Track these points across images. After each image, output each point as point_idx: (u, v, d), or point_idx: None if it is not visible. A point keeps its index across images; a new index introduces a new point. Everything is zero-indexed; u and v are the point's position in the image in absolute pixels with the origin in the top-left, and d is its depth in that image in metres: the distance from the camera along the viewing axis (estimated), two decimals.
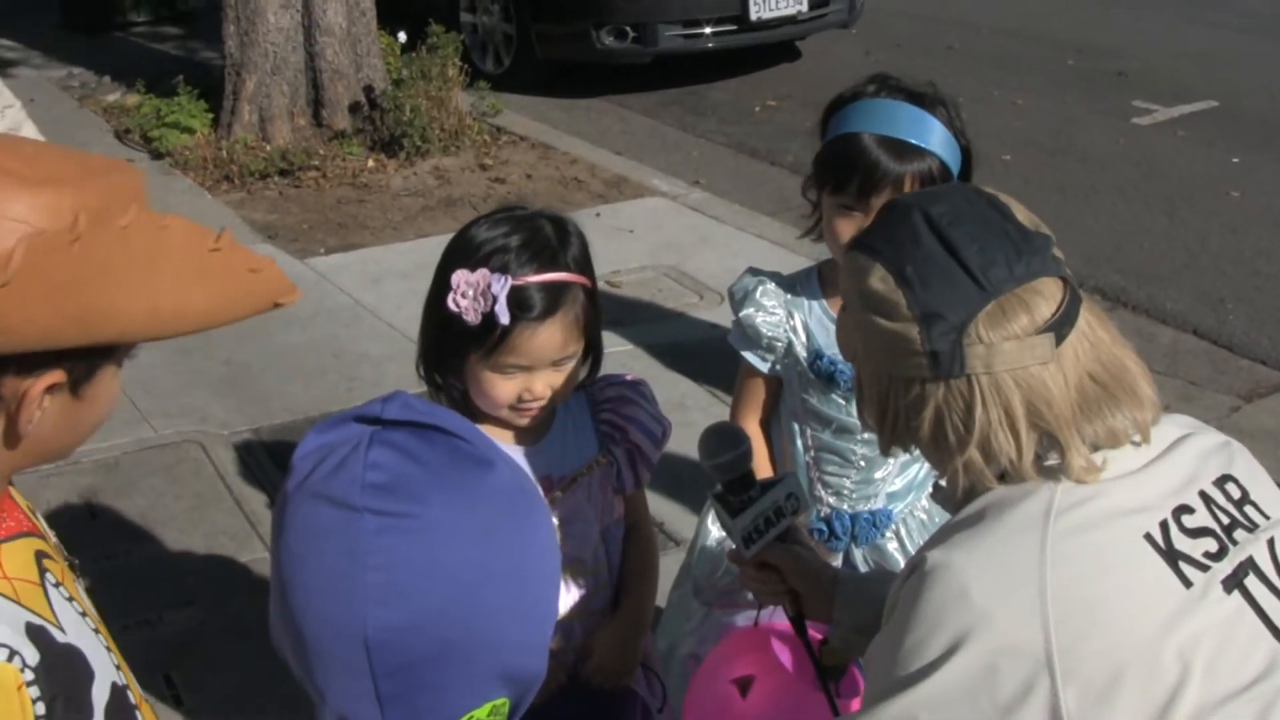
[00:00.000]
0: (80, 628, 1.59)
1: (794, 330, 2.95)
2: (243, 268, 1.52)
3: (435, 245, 2.54)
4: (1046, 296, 1.71)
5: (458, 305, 2.35)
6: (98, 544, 4.74)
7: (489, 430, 2.55)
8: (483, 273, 2.34)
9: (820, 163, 2.81)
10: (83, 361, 1.45)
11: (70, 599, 1.62)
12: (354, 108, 9.42)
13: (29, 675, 1.43)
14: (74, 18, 12.84)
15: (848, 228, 2.74)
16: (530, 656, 1.33)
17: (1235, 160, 8.93)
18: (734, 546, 2.38)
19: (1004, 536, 1.67)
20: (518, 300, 2.35)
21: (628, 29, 10.44)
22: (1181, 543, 1.68)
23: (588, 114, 10.39)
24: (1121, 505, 1.69)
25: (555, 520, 2.59)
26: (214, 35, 9.67)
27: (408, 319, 6.36)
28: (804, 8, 10.81)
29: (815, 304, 2.95)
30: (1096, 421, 1.72)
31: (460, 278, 2.35)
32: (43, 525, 1.72)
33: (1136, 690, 1.59)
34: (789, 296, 2.97)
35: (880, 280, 1.74)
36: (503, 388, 2.46)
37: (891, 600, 1.78)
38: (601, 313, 2.57)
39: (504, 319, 2.33)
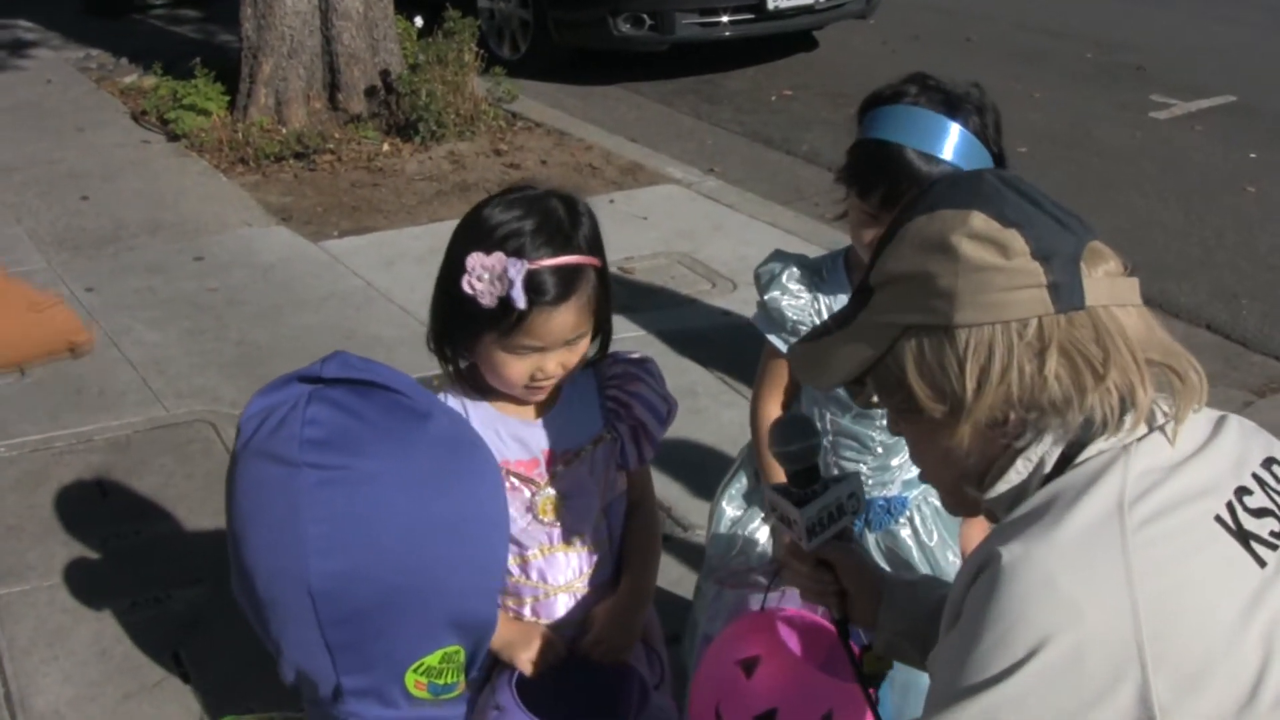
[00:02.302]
0: None
1: (818, 314, 2.94)
2: (19, 304, 1.49)
3: (448, 230, 2.55)
4: (1108, 252, 1.74)
5: (473, 288, 2.36)
6: (108, 522, 4.76)
7: (497, 405, 2.60)
8: (498, 256, 2.35)
9: (851, 161, 2.79)
10: None
11: None
12: (370, 92, 9.42)
13: None
14: (94, 1, 12.86)
15: (870, 234, 2.74)
16: (479, 601, 1.35)
17: (1252, 156, 8.91)
18: (791, 538, 2.33)
19: (1082, 525, 1.63)
20: (533, 284, 2.37)
21: (645, 16, 10.44)
22: (1249, 523, 1.67)
23: (603, 101, 10.39)
24: (1190, 488, 1.67)
25: (552, 492, 2.62)
26: (231, 18, 9.68)
27: (420, 302, 6.34)
28: None
29: (840, 287, 2.95)
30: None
31: (476, 260, 2.36)
32: None
33: (1225, 674, 1.57)
34: (814, 280, 2.97)
35: (984, 223, 1.71)
36: (516, 367, 2.48)
37: (955, 602, 1.74)
38: (611, 291, 2.58)
39: (521, 304, 2.35)
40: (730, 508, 3.22)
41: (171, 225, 7.68)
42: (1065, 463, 1.73)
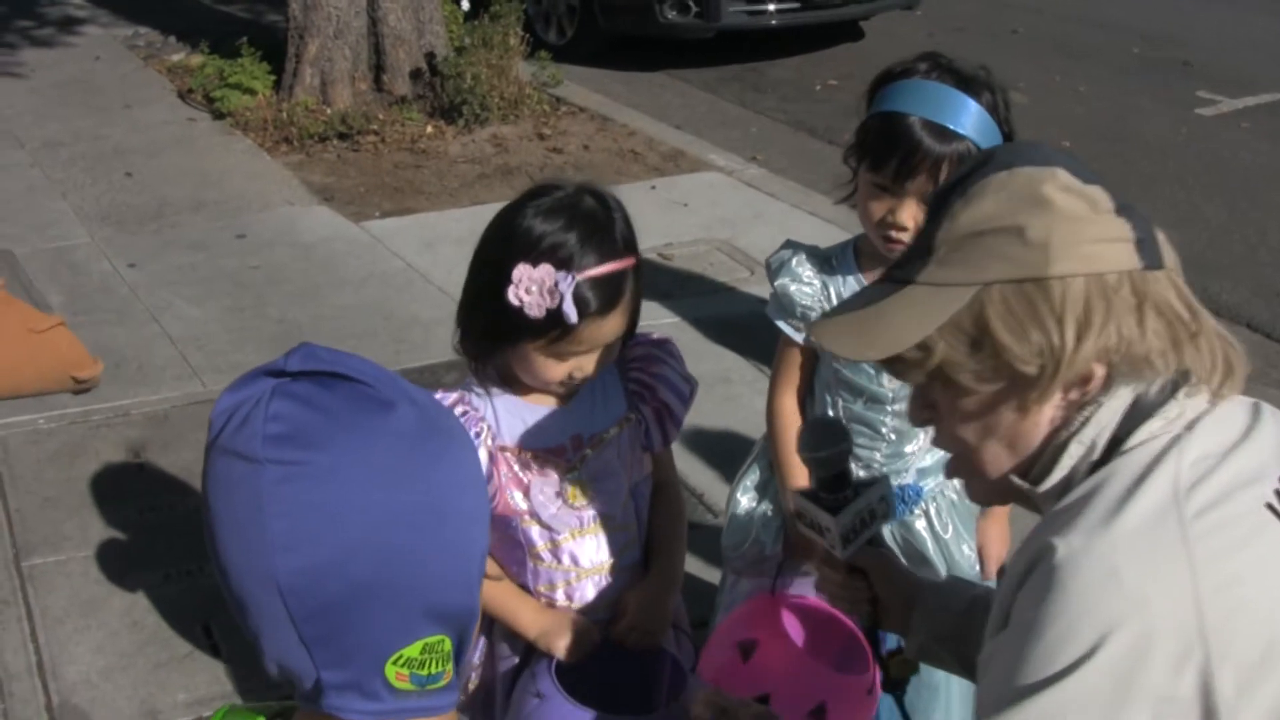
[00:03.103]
0: None
1: (829, 301, 2.94)
2: (18, 326, 1.42)
3: (490, 212, 2.56)
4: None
5: (520, 300, 2.37)
6: (144, 495, 4.80)
7: (523, 394, 2.61)
8: (546, 269, 2.36)
9: (860, 135, 2.81)
10: None
11: None
12: (415, 74, 9.45)
13: None
14: None
15: (880, 208, 2.76)
16: (456, 592, 1.35)
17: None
18: (823, 546, 2.28)
19: (1141, 515, 1.61)
20: (582, 296, 2.39)
21: (691, 3, 10.43)
22: None
23: (648, 87, 10.39)
24: (1240, 475, 1.65)
25: (581, 476, 2.63)
26: None
27: (459, 284, 6.31)
28: None
29: (850, 276, 2.95)
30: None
31: (523, 272, 2.37)
32: None
33: None
34: (824, 268, 2.98)
35: (1068, 178, 1.70)
36: (557, 370, 2.51)
37: (1004, 602, 1.71)
38: (642, 283, 2.59)
39: (572, 318, 2.37)
40: (745, 498, 3.22)
41: (214, 203, 7.72)
42: (1113, 447, 1.71)
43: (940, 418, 1.84)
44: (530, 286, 2.36)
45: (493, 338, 2.51)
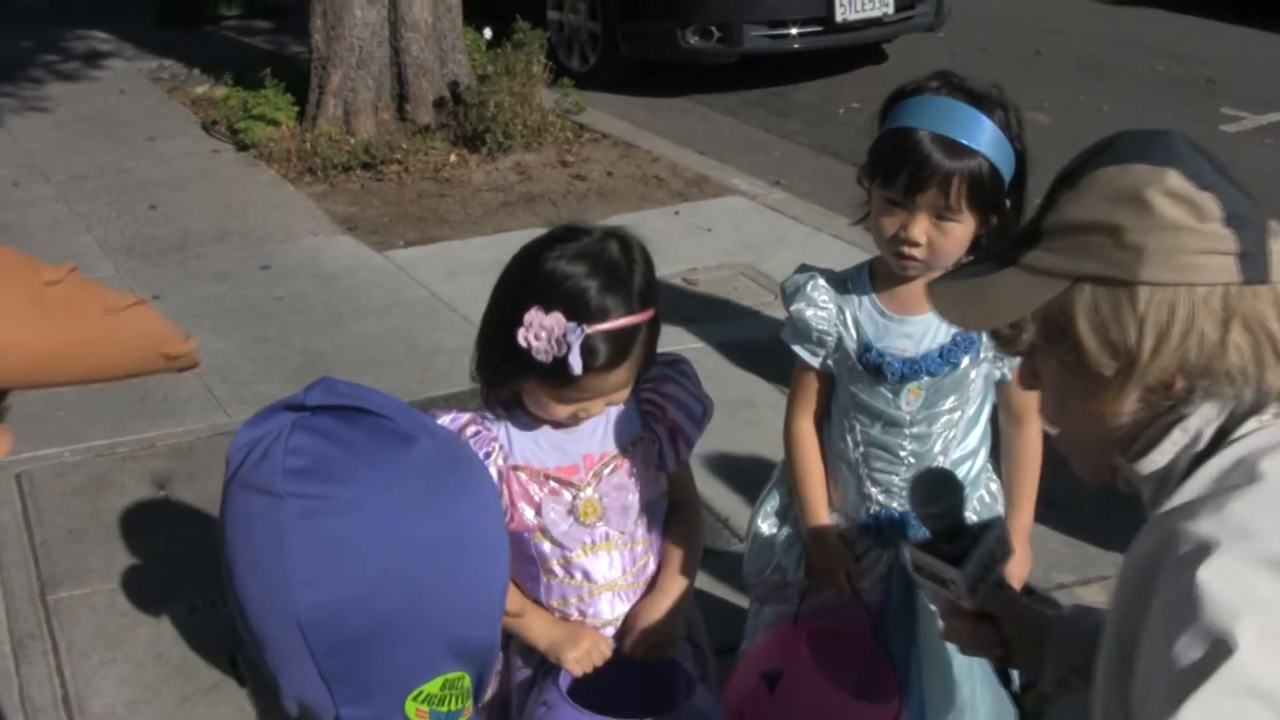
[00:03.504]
0: None
1: (844, 325, 2.93)
2: (94, 307, 1.40)
3: (514, 240, 2.56)
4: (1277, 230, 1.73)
5: (528, 343, 2.39)
6: (168, 526, 4.80)
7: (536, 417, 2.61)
8: (557, 318, 2.37)
9: (873, 153, 2.80)
10: None
11: None
12: (438, 103, 9.46)
13: None
14: (167, 12, 13.01)
15: (892, 224, 2.76)
16: (478, 625, 1.33)
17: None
18: (947, 597, 2.24)
19: (1271, 493, 1.61)
20: (590, 349, 2.39)
21: (713, 29, 10.43)
22: None
23: (671, 113, 10.38)
24: None
25: (593, 495, 2.63)
26: (302, 30, 9.75)
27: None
28: (890, 10, 10.76)
29: (866, 298, 2.94)
30: None
31: (535, 318, 2.38)
32: None
33: None
34: (840, 291, 2.96)
35: (1179, 182, 1.67)
36: (560, 410, 2.53)
37: (1139, 582, 1.67)
38: (660, 327, 2.59)
39: (577, 370, 2.38)
40: (765, 524, 3.21)
41: (239, 234, 7.74)
42: (1220, 438, 1.70)
43: (1041, 389, 1.86)
44: (540, 332, 2.38)
45: (502, 369, 2.52)
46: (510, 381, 2.54)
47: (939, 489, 2.25)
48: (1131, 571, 1.70)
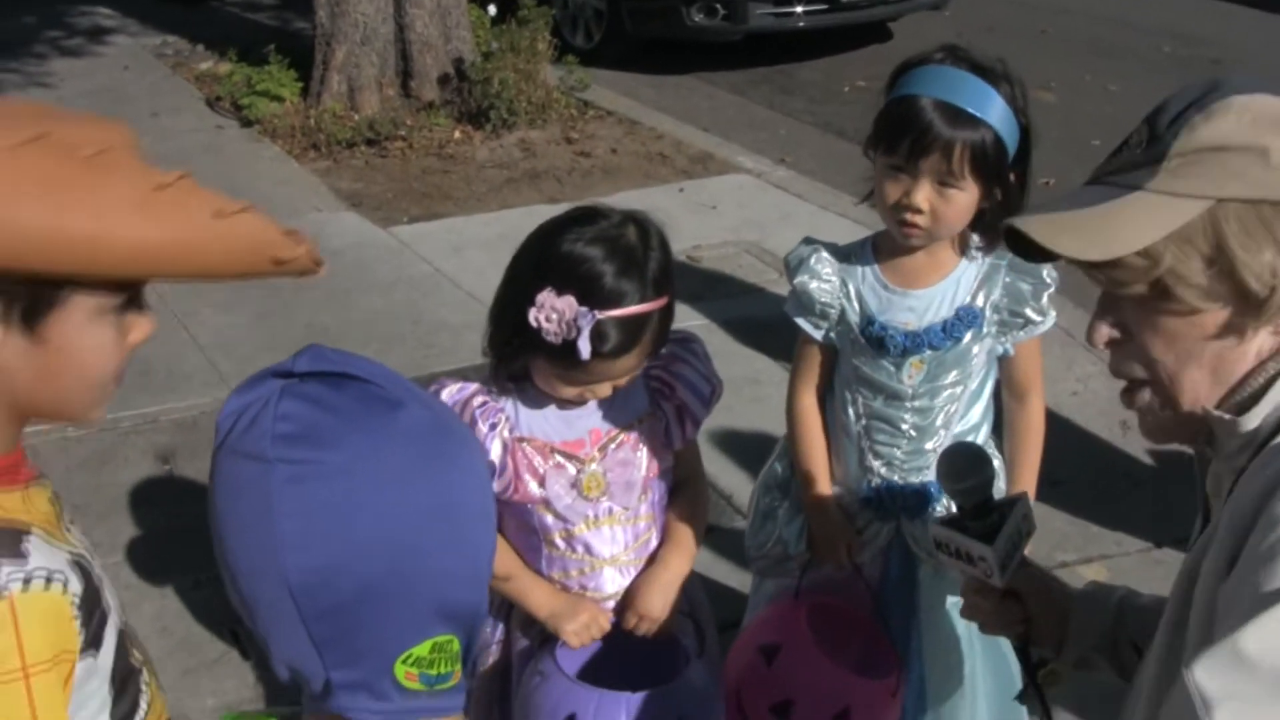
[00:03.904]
0: (96, 564, 1.67)
1: (847, 297, 2.94)
2: (201, 208, 1.52)
3: (518, 217, 2.58)
4: None
5: (539, 324, 2.39)
6: (173, 501, 4.81)
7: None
8: (569, 301, 2.37)
9: (878, 121, 2.82)
10: (20, 289, 1.48)
11: (83, 537, 1.71)
12: (442, 79, 9.45)
13: (76, 605, 1.55)
14: None
15: (895, 190, 2.77)
16: (466, 590, 1.34)
17: None
18: (974, 575, 2.21)
19: None
20: (600, 334, 2.39)
21: (718, 6, 10.42)
22: None
23: (676, 90, 10.37)
24: None
25: (598, 469, 2.64)
26: (306, 5, 9.74)
27: (488, 289, 6.30)
28: None
29: (869, 269, 2.95)
30: None
31: (547, 299, 2.38)
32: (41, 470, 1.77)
33: None
34: (843, 264, 2.97)
35: None
36: (567, 390, 2.54)
37: (1242, 527, 1.62)
38: (673, 314, 2.58)
39: (585, 354, 2.38)
40: (767, 497, 3.22)
41: None
42: None
43: (1133, 340, 1.78)
44: (551, 314, 2.38)
45: (513, 346, 2.53)
46: (519, 358, 2.54)
47: (970, 463, 2.23)
48: (1249, 501, 1.64)
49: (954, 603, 3.01)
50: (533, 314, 2.38)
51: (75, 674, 1.57)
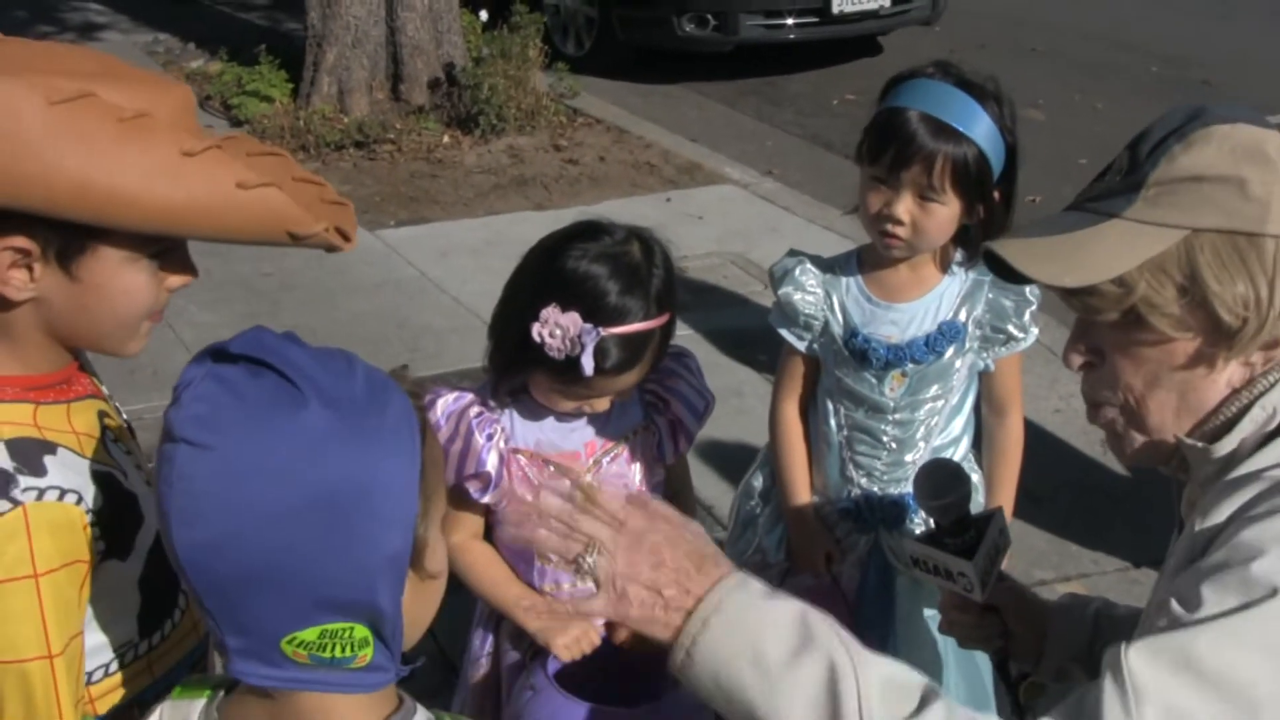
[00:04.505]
0: (137, 478, 1.86)
1: (831, 309, 2.96)
2: (226, 178, 1.68)
3: (505, 223, 2.58)
4: None
5: (542, 339, 2.39)
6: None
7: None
8: (574, 318, 2.38)
9: (864, 133, 2.85)
10: (54, 233, 1.66)
11: (129, 453, 1.90)
12: (433, 84, 9.47)
13: (91, 517, 1.73)
14: None
15: (877, 200, 2.79)
16: (353, 591, 1.38)
17: None
18: (953, 591, 2.22)
19: None
20: (603, 351, 2.40)
21: (709, 17, 10.44)
22: None
23: (665, 100, 10.39)
24: None
25: (595, 482, 2.62)
26: (298, 7, 9.76)
27: (473, 294, 6.39)
28: (886, 3, 10.81)
29: (853, 282, 2.97)
30: None
31: (551, 315, 2.39)
32: (105, 391, 1.99)
33: None
34: (827, 276, 2.99)
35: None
36: (566, 404, 2.55)
37: (1208, 540, 1.66)
38: (673, 331, 2.59)
39: (588, 371, 2.38)
40: (747, 505, 3.24)
41: None
42: None
43: (1107, 365, 1.80)
44: (555, 330, 2.38)
45: (513, 359, 2.53)
46: (521, 373, 2.54)
47: (948, 480, 2.23)
48: (1219, 520, 1.68)
49: (931, 614, 3.03)
50: (536, 329, 2.39)
51: (90, 579, 1.74)
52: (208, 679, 1.60)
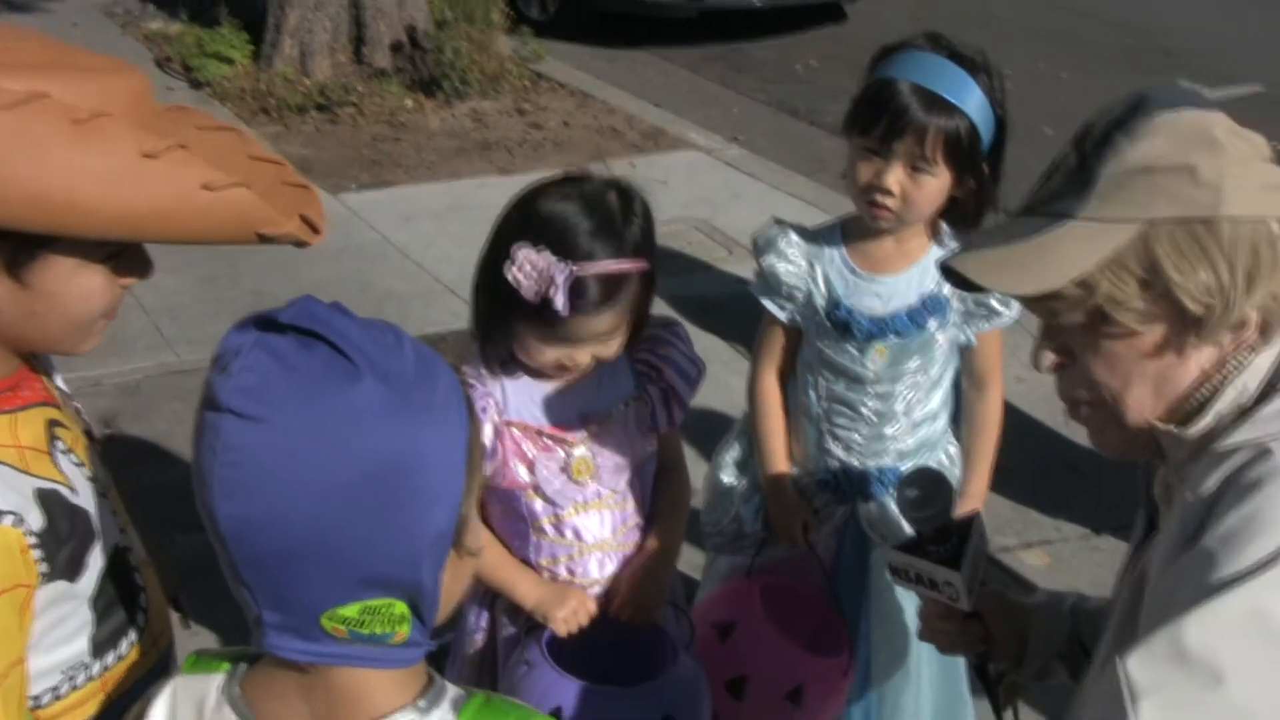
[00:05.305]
0: (88, 491, 1.79)
1: (814, 280, 2.95)
2: (191, 180, 1.60)
3: (468, 187, 2.55)
4: None
5: (516, 280, 2.37)
6: (115, 466, 4.73)
7: (535, 374, 2.60)
8: (546, 255, 2.35)
9: (854, 104, 2.84)
10: (3, 243, 1.58)
11: (80, 464, 1.79)
12: (395, 47, 9.40)
13: (32, 539, 1.64)
14: None
15: (867, 171, 2.79)
16: (400, 568, 1.36)
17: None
18: (937, 599, 2.19)
19: None
20: (577, 289, 2.37)
21: None
22: None
23: (630, 65, 10.36)
24: None
25: (586, 453, 2.64)
26: None
27: (436, 259, 6.39)
28: None
29: (836, 253, 2.96)
30: None
31: (523, 254, 2.36)
32: (60, 396, 1.90)
33: None
34: (811, 247, 2.98)
35: (1230, 122, 1.71)
36: (548, 355, 2.50)
37: (1187, 528, 1.65)
38: (655, 286, 2.57)
39: (563, 310, 2.35)
40: (725, 474, 3.23)
41: None
42: (1266, 393, 1.69)
43: (1078, 364, 1.79)
44: (528, 268, 2.35)
45: (492, 311, 2.51)
46: (502, 325, 2.51)
47: (933, 491, 2.22)
48: (1198, 502, 1.67)
49: (905, 594, 3.03)
50: (510, 270, 2.36)
51: (36, 600, 1.66)
52: (223, 652, 1.57)
